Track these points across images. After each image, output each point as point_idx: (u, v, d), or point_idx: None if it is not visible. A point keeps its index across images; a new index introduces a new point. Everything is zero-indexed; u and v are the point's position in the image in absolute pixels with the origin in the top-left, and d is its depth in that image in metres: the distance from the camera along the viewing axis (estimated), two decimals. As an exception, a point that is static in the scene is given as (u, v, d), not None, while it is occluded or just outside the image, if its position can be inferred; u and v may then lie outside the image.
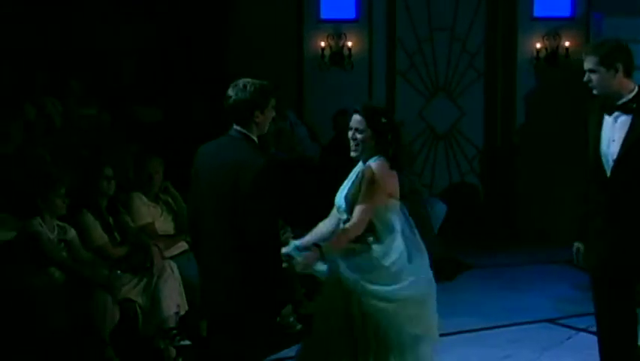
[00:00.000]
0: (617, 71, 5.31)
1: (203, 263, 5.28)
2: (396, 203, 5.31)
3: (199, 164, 5.14)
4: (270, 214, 4.96)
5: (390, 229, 5.27)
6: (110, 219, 7.27)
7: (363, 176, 5.25)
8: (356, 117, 5.29)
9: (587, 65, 5.35)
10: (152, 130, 9.29)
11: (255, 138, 5.09)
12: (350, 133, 5.30)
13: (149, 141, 8.69)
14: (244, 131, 5.06)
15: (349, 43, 10.83)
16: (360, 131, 5.26)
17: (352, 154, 5.33)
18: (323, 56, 10.83)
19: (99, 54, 9.95)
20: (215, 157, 5.07)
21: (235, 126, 5.08)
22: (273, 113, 5.17)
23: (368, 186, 5.21)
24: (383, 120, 5.27)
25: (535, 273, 9.59)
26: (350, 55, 10.85)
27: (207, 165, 5.09)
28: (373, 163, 5.26)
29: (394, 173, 5.31)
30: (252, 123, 5.06)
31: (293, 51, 10.84)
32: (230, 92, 5.09)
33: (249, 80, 5.11)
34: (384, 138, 5.26)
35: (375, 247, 5.25)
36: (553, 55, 10.97)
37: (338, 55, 10.83)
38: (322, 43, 10.81)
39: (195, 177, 5.15)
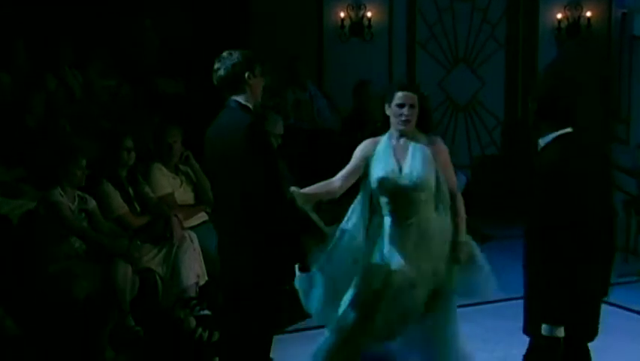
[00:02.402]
0: None
1: (219, 232, 5.38)
2: None
3: (206, 145, 5.30)
4: (268, 170, 5.02)
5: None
6: (130, 190, 7.33)
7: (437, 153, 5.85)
8: (409, 94, 5.58)
9: None
10: (174, 102, 9.31)
11: (251, 107, 5.19)
12: (401, 109, 5.55)
13: (170, 112, 8.72)
14: (239, 100, 5.16)
15: (369, 14, 10.78)
16: (414, 107, 5.59)
17: (401, 127, 5.60)
18: (343, 26, 10.77)
19: (122, 27, 9.96)
20: (215, 130, 5.22)
21: (231, 97, 5.18)
22: (264, 81, 5.26)
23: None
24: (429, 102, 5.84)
25: (554, 244, 9.55)
26: (370, 26, 10.80)
27: (211, 141, 5.25)
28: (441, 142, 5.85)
29: None
30: (246, 87, 5.16)
31: (313, 22, 10.80)
32: (217, 65, 5.20)
33: (229, 50, 5.21)
34: (428, 116, 5.77)
35: None
36: (574, 25, 10.90)
37: (358, 26, 10.78)
38: (342, 14, 10.77)
39: (206, 154, 5.33)
